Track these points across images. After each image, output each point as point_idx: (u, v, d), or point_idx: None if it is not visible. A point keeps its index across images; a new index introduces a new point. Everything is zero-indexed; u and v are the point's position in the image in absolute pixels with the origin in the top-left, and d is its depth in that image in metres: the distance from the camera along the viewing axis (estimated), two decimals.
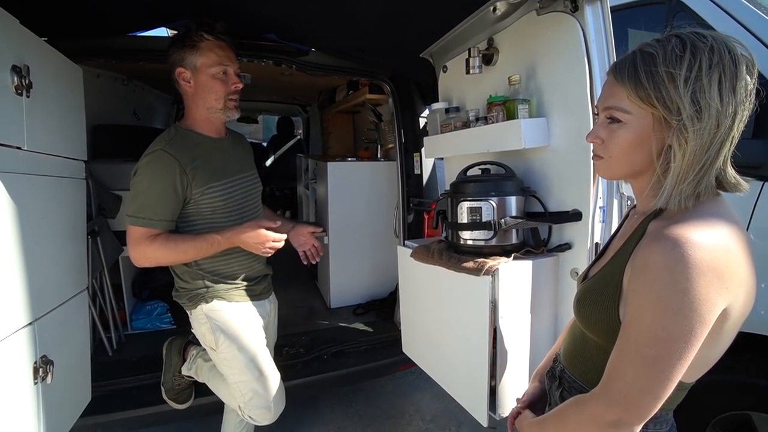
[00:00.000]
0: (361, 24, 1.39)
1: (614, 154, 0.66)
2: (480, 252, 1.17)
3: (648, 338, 0.57)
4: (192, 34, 1.16)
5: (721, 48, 0.57)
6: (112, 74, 2.34)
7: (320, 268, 2.77)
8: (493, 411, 1.15)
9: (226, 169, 1.25)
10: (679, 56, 0.57)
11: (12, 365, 0.92)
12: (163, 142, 1.16)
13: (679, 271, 0.54)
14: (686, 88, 0.56)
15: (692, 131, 0.57)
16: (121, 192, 1.92)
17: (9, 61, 0.92)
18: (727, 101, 0.56)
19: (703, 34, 0.58)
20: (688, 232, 0.55)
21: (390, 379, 2.37)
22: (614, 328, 0.63)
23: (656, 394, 0.57)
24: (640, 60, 0.60)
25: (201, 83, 1.18)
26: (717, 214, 0.59)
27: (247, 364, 1.25)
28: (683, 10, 1.53)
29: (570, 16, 1.07)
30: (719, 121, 0.57)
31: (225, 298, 1.25)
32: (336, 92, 2.88)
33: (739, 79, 0.57)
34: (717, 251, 0.55)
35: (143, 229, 1.11)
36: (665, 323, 0.55)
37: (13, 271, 0.94)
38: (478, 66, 1.35)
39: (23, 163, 0.98)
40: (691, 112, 0.57)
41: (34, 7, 1.05)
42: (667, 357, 0.55)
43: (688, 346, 0.55)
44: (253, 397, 1.27)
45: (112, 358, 1.83)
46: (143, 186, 1.12)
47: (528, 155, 1.25)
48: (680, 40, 0.58)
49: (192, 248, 1.17)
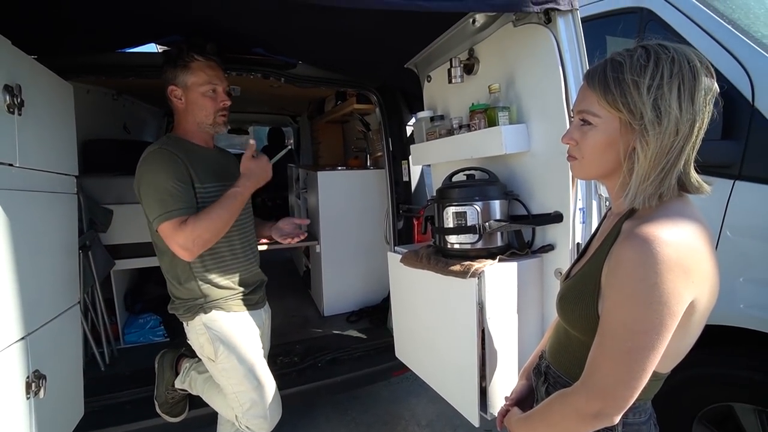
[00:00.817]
0: (346, 37, 1.43)
1: (586, 155, 0.70)
2: (466, 255, 1.21)
3: (623, 331, 0.60)
4: (183, 55, 1.21)
5: (681, 59, 0.61)
6: (102, 89, 2.35)
7: (313, 276, 2.78)
8: (485, 411, 1.18)
9: (219, 174, 1.29)
10: (644, 65, 0.62)
11: (5, 380, 0.92)
12: (159, 143, 1.21)
13: (649, 267, 0.58)
14: (649, 95, 0.61)
15: (653, 135, 0.61)
16: (112, 206, 1.93)
17: (1, 81, 0.94)
18: (685, 108, 0.60)
19: (666, 46, 0.63)
20: (656, 230, 0.59)
21: (385, 385, 2.38)
22: (594, 323, 0.66)
23: (632, 384, 0.60)
24: (610, 68, 0.65)
25: (192, 100, 1.24)
26: (683, 214, 0.63)
27: (246, 373, 1.26)
28: (654, 19, 1.60)
29: (544, 28, 1.12)
30: (678, 127, 0.61)
31: (223, 308, 1.26)
32: (325, 103, 2.93)
33: (698, 89, 0.61)
34: (683, 248, 0.59)
35: (175, 221, 1.10)
36: (637, 316, 0.59)
37: (6, 286, 0.94)
38: (460, 75, 1.40)
39: (15, 180, 1.00)
40: (652, 117, 0.61)
41: (24, 26, 1.07)
42: (641, 348, 0.59)
43: (659, 337, 0.58)
44: (251, 407, 1.28)
45: (104, 372, 1.82)
46: (156, 182, 1.13)
47: (510, 160, 1.29)
48: (645, 51, 0.63)
49: (223, 209, 1.15)
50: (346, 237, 2.51)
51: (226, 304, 1.27)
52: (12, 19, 0.98)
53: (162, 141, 1.23)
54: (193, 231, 1.10)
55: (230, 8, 1.18)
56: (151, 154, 1.17)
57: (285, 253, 3.81)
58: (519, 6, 1.04)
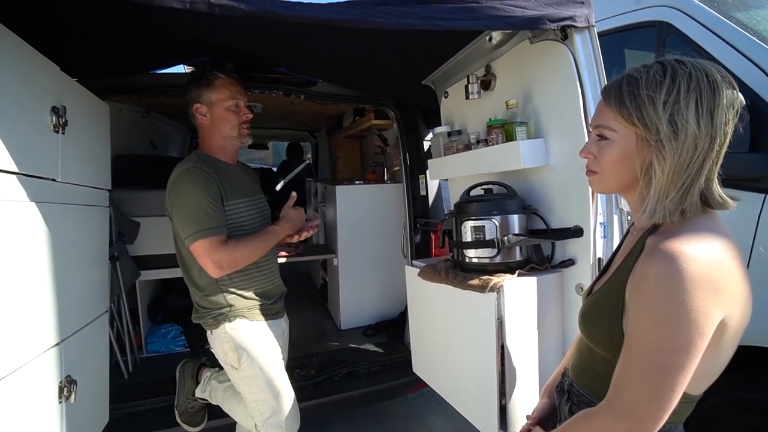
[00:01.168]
0: (365, 56, 1.48)
1: (605, 169, 0.70)
2: (485, 269, 1.20)
3: (649, 350, 0.58)
4: (207, 74, 1.29)
5: (698, 74, 0.61)
6: (133, 107, 2.48)
7: (330, 289, 2.80)
8: (504, 429, 1.15)
9: (245, 190, 1.35)
10: (659, 81, 0.62)
11: (40, 384, 0.96)
12: (191, 162, 1.25)
13: (676, 283, 0.56)
14: (665, 111, 0.61)
15: (669, 150, 0.61)
16: (139, 218, 2.01)
17: (50, 103, 1.02)
18: (704, 124, 0.60)
19: (684, 61, 0.63)
20: (683, 246, 0.58)
21: (401, 401, 2.35)
22: (618, 341, 0.65)
23: (661, 405, 0.58)
24: (626, 83, 0.65)
25: (216, 116, 1.30)
26: (710, 229, 0.62)
27: (267, 382, 1.29)
28: (673, 32, 1.60)
29: (561, 44, 1.13)
30: (696, 142, 0.60)
31: (247, 317, 1.30)
32: (343, 118, 2.99)
33: (717, 104, 0.60)
34: (711, 264, 0.57)
35: (212, 239, 1.17)
36: (664, 335, 0.57)
37: (45, 294, 1.00)
38: (477, 91, 1.42)
39: (56, 194, 1.07)
40: (668, 132, 0.61)
41: (68, 52, 1.16)
42: (670, 368, 0.57)
43: (688, 356, 0.57)
44: (271, 416, 1.30)
45: (127, 380, 1.86)
46: (191, 201, 1.19)
47: (528, 175, 1.29)
48: (662, 66, 0.63)
49: (262, 242, 1.28)
50: (363, 250, 2.53)
51: (249, 313, 1.31)
52: (58, 46, 1.06)
53: (193, 159, 1.27)
54: (232, 253, 1.19)
55: (255, 32, 1.25)
56: (185, 172, 1.22)
57: (302, 266, 3.85)
58: (536, 24, 1.06)
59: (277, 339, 1.37)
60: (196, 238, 1.16)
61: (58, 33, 1.07)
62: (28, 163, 0.91)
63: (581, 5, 1.09)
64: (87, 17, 1.03)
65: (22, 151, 0.89)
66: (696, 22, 1.51)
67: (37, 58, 0.99)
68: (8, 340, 0.85)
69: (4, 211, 0.85)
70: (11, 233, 0.87)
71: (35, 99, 0.99)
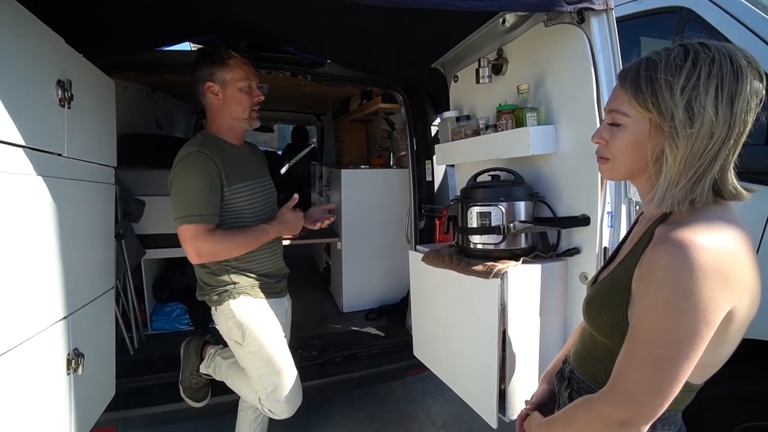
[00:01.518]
0: (374, 37, 1.45)
1: (616, 155, 0.69)
2: (489, 256, 1.20)
3: (654, 339, 0.58)
4: (221, 52, 1.26)
5: (722, 60, 0.58)
6: (138, 86, 2.46)
7: (333, 273, 2.82)
8: (503, 413, 1.17)
9: (250, 172, 1.34)
10: (680, 65, 0.59)
11: (49, 355, 0.98)
12: (197, 144, 1.24)
13: (684, 273, 0.55)
14: (682, 97, 0.58)
15: (683, 137, 0.59)
16: (144, 197, 2.02)
17: (55, 76, 1.01)
18: (722, 111, 0.58)
19: (708, 45, 0.60)
20: (693, 235, 0.57)
21: (401, 384, 2.39)
22: (623, 329, 0.64)
23: (663, 393, 0.58)
24: (644, 67, 0.63)
25: (229, 96, 1.28)
26: (722, 218, 0.60)
27: (270, 357, 1.31)
28: (693, 18, 1.55)
29: (577, 28, 1.10)
30: (713, 130, 0.58)
31: (251, 294, 1.32)
32: (350, 102, 2.96)
33: (739, 91, 0.57)
34: (722, 254, 0.56)
35: (197, 225, 1.17)
36: (671, 324, 0.57)
37: (52, 268, 1.01)
38: (488, 76, 1.39)
39: (63, 169, 1.06)
40: (683, 119, 0.59)
41: (73, 25, 1.14)
42: (673, 357, 0.57)
43: (693, 346, 0.56)
44: (274, 390, 1.32)
45: (133, 356, 1.90)
46: (188, 185, 1.19)
47: (537, 162, 1.28)
48: (684, 50, 0.60)
49: (247, 239, 1.26)
50: (367, 235, 2.54)
51: (253, 291, 1.33)
52: (63, 19, 1.05)
53: (198, 141, 1.26)
54: (215, 245, 1.19)
55: (264, 10, 1.22)
56: (188, 156, 1.20)
57: (305, 249, 3.87)
58: (552, 6, 1.03)
59: (279, 317, 1.39)
60: (183, 222, 1.17)
61: (63, 6, 1.05)
62: (34, 137, 0.91)
63: None
64: None
65: (28, 124, 0.89)
66: (717, 8, 1.46)
67: (42, 30, 0.98)
68: (18, 311, 0.86)
69: (12, 184, 0.85)
70: (19, 206, 0.87)
71: (41, 71, 0.98)
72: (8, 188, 0.83)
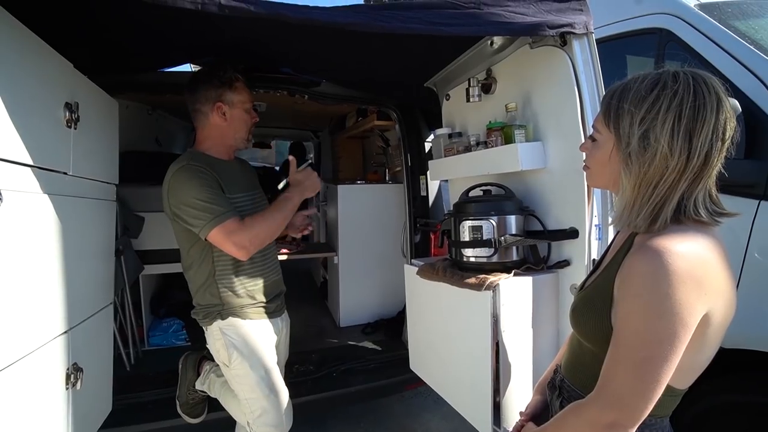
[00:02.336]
0: (369, 58, 1.51)
1: (592, 166, 0.76)
2: (482, 269, 1.23)
3: (635, 341, 0.61)
4: (230, 74, 1.30)
5: (684, 95, 0.61)
6: (139, 105, 2.52)
7: (330, 287, 2.83)
8: (498, 425, 1.18)
9: (242, 185, 1.36)
10: (644, 96, 0.63)
11: (49, 369, 0.99)
12: (184, 160, 1.24)
13: (660, 277, 0.59)
14: (640, 126, 0.63)
15: (636, 163, 0.64)
16: (144, 213, 2.04)
17: (63, 99, 1.06)
18: (678, 144, 0.61)
19: (679, 76, 0.63)
20: (669, 243, 0.61)
21: (398, 399, 2.37)
22: (606, 334, 0.67)
23: (646, 395, 0.60)
24: (619, 91, 0.68)
25: (236, 117, 1.32)
26: (696, 229, 0.64)
27: (258, 381, 1.29)
28: (673, 39, 1.62)
29: (560, 50, 1.16)
30: (667, 161, 0.62)
31: (240, 316, 1.30)
32: (346, 119, 3.02)
33: (700, 125, 0.60)
34: (695, 260, 0.60)
35: (226, 223, 1.15)
36: (650, 326, 0.60)
37: (56, 283, 1.03)
38: (478, 95, 1.45)
39: (67, 186, 1.10)
40: (637, 147, 0.64)
41: (80, 47, 1.19)
42: (654, 358, 0.59)
43: (672, 348, 0.59)
44: (262, 414, 1.30)
45: (130, 372, 1.89)
46: (193, 194, 1.16)
47: (526, 177, 1.32)
48: (654, 80, 0.64)
49: (278, 212, 1.25)
50: (363, 249, 2.56)
51: (242, 312, 1.30)
52: (70, 40, 1.09)
53: (186, 157, 1.27)
54: (251, 230, 1.18)
55: (262, 34, 1.27)
56: (178, 171, 1.20)
57: (303, 264, 3.87)
58: (536, 30, 1.09)
59: (271, 338, 1.37)
60: (211, 227, 1.14)
61: (71, 28, 1.10)
62: (42, 157, 0.95)
63: (580, 12, 1.12)
64: (102, 14, 1.06)
65: (37, 144, 0.92)
66: (695, 30, 1.54)
67: (52, 56, 1.02)
68: (20, 326, 0.88)
69: (19, 202, 0.88)
70: (25, 223, 0.90)
71: (50, 95, 1.02)
72: (16, 206, 0.86)
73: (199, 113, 1.31)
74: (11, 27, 0.86)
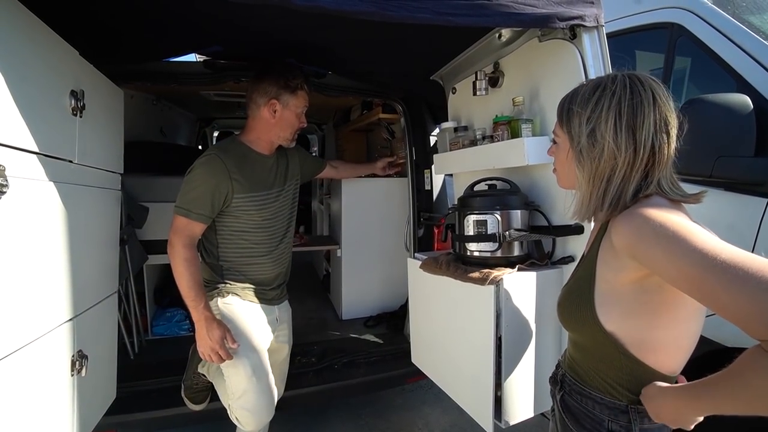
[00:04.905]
0: (375, 50, 1.50)
1: (557, 168, 0.82)
2: (486, 263, 1.23)
3: (705, 263, 0.53)
4: (297, 82, 1.37)
5: (622, 94, 0.67)
6: (144, 95, 2.51)
7: (333, 280, 2.84)
8: (498, 419, 1.18)
9: (267, 182, 1.41)
10: (588, 98, 0.70)
11: (55, 356, 1.01)
12: (218, 148, 1.34)
13: (652, 221, 0.61)
14: (587, 125, 0.69)
15: (588, 159, 0.70)
16: (148, 203, 2.05)
17: (69, 86, 1.05)
18: (622, 138, 0.67)
19: (617, 78, 0.69)
20: (642, 209, 0.64)
21: (399, 392, 2.39)
22: (592, 324, 0.70)
23: (756, 289, 0.49)
24: (570, 96, 0.75)
25: (285, 117, 1.39)
26: (665, 205, 0.66)
27: (243, 362, 1.31)
28: (684, 34, 1.59)
29: (569, 43, 1.14)
30: (615, 155, 0.67)
31: (239, 295, 1.37)
32: (351, 111, 3.00)
33: (639, 123, 0.66)
34: (671, 212, 0.63)
35: (188, 220, 1.26)
36: (687, 245, 0.55)
37: (61, 271, 1.04)
38: (485, 88, 1.43)
39: (73, 175, 1.10)
40: (585, 144, 0.70)
41: (85, 36, 1.19)
42: (719, 256, 0.52)
43: (712, 239, 0.55)
44: (242, 395, 1.32)
45: (133, 361, 1.91)
46: (193, 183, 1.28)
47: (532, 171, 1.31)
48: (596, 84, 0.71)
49: (187, 284, 1.26)
50: (367, 243, 2.56)
51: (243, 292, 1.38)
52: (76, 28, 1.09)
53: (222, 146, 1.37)
54: (179, 256, 1.26)
55: (265, 23, 1.26)
56: (207, 157, 1.30)
57: (305, 257, 3.89)
58: (545, 22, 1.07)
59: (265, 323, 1.40)
60: (179, 212, 1.27)
61: (75, 18, 1.09)
62: (47, 144, 0.95)
63: (591, 5, 1.09)
64: (107, 2, 1.05)
65: (43, 131, 0.93)
66: (708, 25, 1.51)
67: (58, 42, 1.02)
68: (26, 312, 0.89)
69: (25, 189, 0.88)
70: (30, 210, 0.90)
71: (56, 82, 1.02)
72: (22, 193, 0.87)
73: (253, 103, 1.39)
74: (18, 12, 0.85)
